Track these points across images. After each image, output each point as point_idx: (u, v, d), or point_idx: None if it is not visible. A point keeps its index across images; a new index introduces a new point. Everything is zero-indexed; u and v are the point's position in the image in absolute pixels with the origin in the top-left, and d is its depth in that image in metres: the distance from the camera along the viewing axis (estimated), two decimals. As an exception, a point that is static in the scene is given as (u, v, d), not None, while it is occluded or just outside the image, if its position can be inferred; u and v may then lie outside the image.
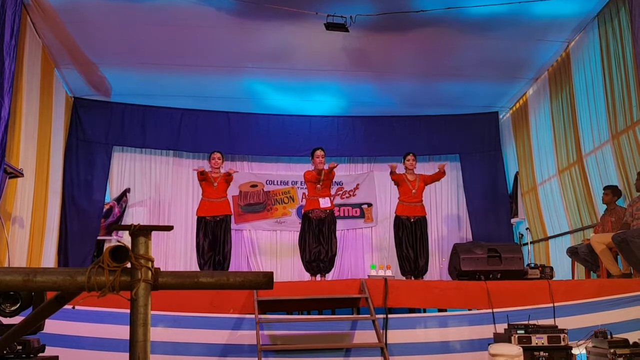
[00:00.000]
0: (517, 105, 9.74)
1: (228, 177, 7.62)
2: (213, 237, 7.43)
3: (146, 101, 9.52)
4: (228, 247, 7.52)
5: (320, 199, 7.30)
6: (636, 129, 6.25)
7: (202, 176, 7.48)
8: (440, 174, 7.65)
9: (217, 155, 7.67)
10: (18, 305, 2.58)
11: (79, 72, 8.44)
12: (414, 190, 7.39)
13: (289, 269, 9.75)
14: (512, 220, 9.72)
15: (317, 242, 7.21)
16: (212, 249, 7.41)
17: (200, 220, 7.52)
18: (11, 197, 6.44)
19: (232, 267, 8.25)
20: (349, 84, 9.00)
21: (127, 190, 9.69)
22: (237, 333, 5.05)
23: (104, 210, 9.29)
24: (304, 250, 7.28)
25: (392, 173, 7.56)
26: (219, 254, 7.42)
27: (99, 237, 9.06)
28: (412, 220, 7.36)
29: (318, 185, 7.34)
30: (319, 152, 7.47)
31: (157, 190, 9.91)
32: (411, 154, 7.67)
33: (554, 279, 6.13)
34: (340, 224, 9.48)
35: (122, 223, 9.34)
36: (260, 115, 10.00)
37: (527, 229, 8.85)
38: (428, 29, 7.31)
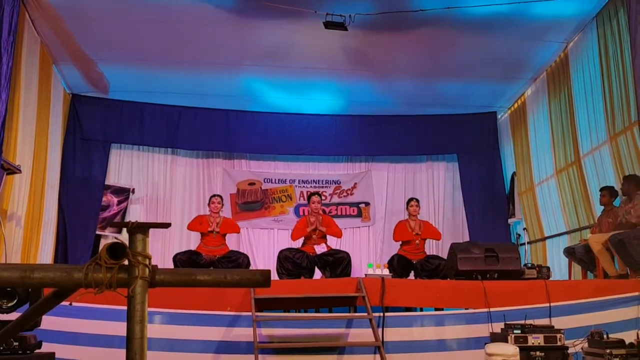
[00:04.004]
0: (516, 105, 9.75)
1: (231, 229, 7.37)
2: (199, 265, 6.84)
3: (144, 98, 9.51)
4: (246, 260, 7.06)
5: (316, 246, 7.05)
6: (634, 129, 6.26)
7: (201, 227, 7.15)
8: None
9: (217, 199, 7.32)
10: (15, 301, 2.58)
11: (77, 69, 8.44)
12: (417, 242, 7.20)
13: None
14: (509, 221, 9.74)
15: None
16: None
17: (197, 253, 7.03)
18: (8, 193, 6.43)
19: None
20: (347, 82, 9.00)
21: (132, 191, 9.67)
22: (234, 330, 5.05)
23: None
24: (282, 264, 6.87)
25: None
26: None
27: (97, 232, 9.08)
28: (414, 262, 7.10)
29: (313, 236, 7.12)
30: (314, 198, 7.30)
31: (155, 188, 9.91)
32: (414, 200, 7.48)
33: (550, 279, 6.13)
34: (338, 223, 9.47)
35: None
36: (258, 114, 10.00)
37: (524, 229, 8.86)
38: (427, 28, 7.32)
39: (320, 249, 7.04)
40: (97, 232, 9.13)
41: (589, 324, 4.96)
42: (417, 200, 7.54)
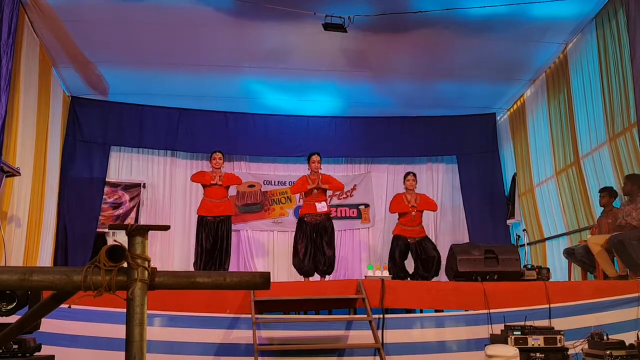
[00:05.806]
0: (515, 106, 9.75)
1: (233, 181, 7.75)
2: (214, 237, 7.44)
3: (144, 100, 9.51)
4: (229, 247, 7.55)
5: (317, 204, 7.31)
6: (633, 130, 6.26)
7: (204, 179, 7.57)
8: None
9: (218, 155, 7.67)
10: (14, 304, 2.58)
11: (77, 71, 8.44)
12: (413, 213, 7.29)
13: (285, 269, 9.74)
14: (508, 222, 9.73)
15: (312, 247, 7.22)
16: (211, 249, 7.42)
17: (201, 220, 7.53)
18: (8, 196, 6.43)
19: (229, 267, 8.25)
20: (346, 84, 9.00)
21: (143, 186, 9.66)
22: (234, 333, 5.05)
23: (111, 199, 9.28)
24: (295, 255, 7.33)
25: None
26: (219, 255, 7.43)
27: (99, 230, 9.05)
28: (410, 242, 7.26)
29: (315, 191, 7.35)
30: (315, 157, 7.51)
31: (155, 190, 9.90)
32: (411, 174, 7.62)
33: (550, 280, 6.13)
34: (337, 225, 9.44)
35: (139, 219, 9.39)
36: (258, 116, 10.00)
37: (524, 230, 8.86)
38: (426, 29, 7.32)
39: (321, 207, 7.27)
40: (105, 230, 9.13)
41: (589, 325, 4.96)
42: (414, 175, 7.67)
